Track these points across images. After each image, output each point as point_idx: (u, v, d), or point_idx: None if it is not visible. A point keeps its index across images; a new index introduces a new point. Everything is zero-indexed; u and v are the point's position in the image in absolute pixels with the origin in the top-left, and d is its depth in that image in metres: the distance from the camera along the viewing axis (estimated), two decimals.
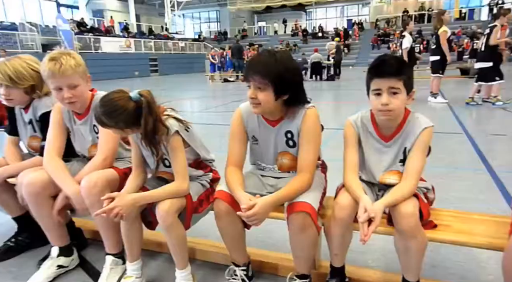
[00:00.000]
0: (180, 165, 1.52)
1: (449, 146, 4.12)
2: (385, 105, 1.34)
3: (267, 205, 1.35)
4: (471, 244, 1.34)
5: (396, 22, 29.00)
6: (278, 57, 1.39)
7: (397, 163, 1.44)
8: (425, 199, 1.40)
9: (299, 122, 1.48)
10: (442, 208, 1.61)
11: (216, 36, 32.79)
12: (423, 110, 6.56)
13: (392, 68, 1.32)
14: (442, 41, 6.80)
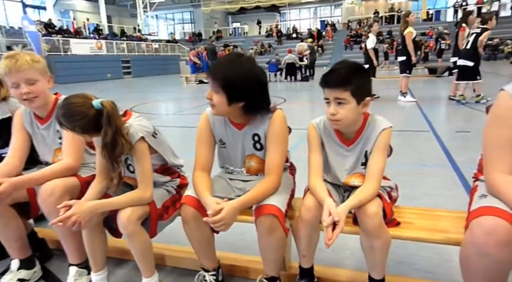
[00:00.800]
0: (144, 171, 1.49)
1: (417, 144, 4.25)
2: (332, 115, 1.35)
3: (234, 209, 1.34)
4: (432, 240, 1.37)
5: (367, 23, 29.69)
6: (237, 63, 1.38)
7: (359, 166, 1.46)
8: (388, 199, 1.43)
9: (266, 125, 1.48)
10: (409, 204, 1.65)
11: (190, 37, 32.49)
12: (392, 109, 6.80)
13: (339, 78, 1.31)
14: (407, 41, 7.02)
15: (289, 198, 1.50)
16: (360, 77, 1.34)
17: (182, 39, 32.94)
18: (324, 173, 1.51)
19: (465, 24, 6.80)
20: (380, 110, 6.82)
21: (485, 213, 1.08)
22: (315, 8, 36.83)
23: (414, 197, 2.64)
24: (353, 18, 31.07)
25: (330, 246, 1.20)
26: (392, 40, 22.68)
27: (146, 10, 29.09)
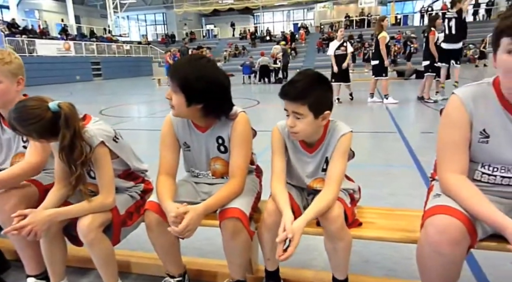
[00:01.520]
0: (105, 177, 1.45)
1: (385, 145, 4.38)
2: (290, 127, 1.35)
3: (198, 214, 1.32)
4: (392, 239, 1.41)
5: (338, 27, 30.35)
6: (197, 65, 1.37)
7: (320, 172, 1.47)
8: (349, 203, 1.45)
9: (229, 128, 1.48)
10: (376, 204, 1.69)
11: (163, 39, 32.04)
12: (362, 111, 6.97)
13: (296, 91, 1.29)
14: (381, 46, 7.23)
15: (254, 201, 1.50)
16: (319, 91, 1.32)
17: (155, 40, 32.44)
18: (288, 176, 1.52)
19: (434, 28, 7.11)
20: (351, 112, 7.01)
21: (438, 212, 1.12)
22: (288, 11, 37.26)
23: (381, 197, 2.71)
24: (325, 22, 31.66)
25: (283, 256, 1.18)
26: (362, 44, 23.28)
27: (116, 11, 28.43)
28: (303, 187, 1.54)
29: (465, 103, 1.19)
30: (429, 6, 29.91)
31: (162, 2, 33.07)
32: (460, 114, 1.19)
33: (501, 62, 1.08)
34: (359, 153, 3.61)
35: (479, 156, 1.22)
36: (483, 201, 1.11)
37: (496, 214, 1.06)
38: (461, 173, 1.20)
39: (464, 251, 1.12)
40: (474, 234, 1.11)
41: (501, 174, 1.21)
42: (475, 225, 1.12)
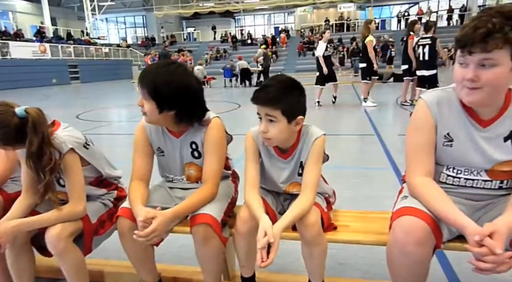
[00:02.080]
0: (75, 184, 1.42)
1: (362, 147, 4.45)
2: (263, 133, 1.34)
3: (166, 219, 1.31)
4: (365, 242, 1.44)
5: (319, 30, 30.75)
6: (166, 71, 1.36)
7: (296, 176, 1.47)
8: (325, 207, 1.46)
9: (202, 133, 1.47)
10: (353, 206, 1.71)
11: (143, 41, 31.65)
12: (341, 114, 7.07)
13: (268, 96, 1.29)
14: (369, 49, 7.33)
15: (227, 206, 1.50)
16: (292, 96, 1.32)
17: (135, 43, 32.01)
18: (263, 182, 1.52)
19: (412, 32, 7.27)
20: (331, 115, 7.11)
21: (404, 214, 1.15)
22: (269, 14, 37.52)
23: (358, 199, 2.75)
24: (306, 26, 32.03)
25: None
26: (343, 47, 23.65)
27: (94, 13, 27.89)
28: (279, 192, 1.54)
29: (430, 108, 1.22)
30: (405, 11, 30.78)
31: (142, 4, 32.73)
32: (426, 118, 1.23)
33: (454, 71, 1.13)
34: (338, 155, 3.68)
35: (444, 158, 1.25)
36: (447, 202, 1.14)
37: (457, 215, 1.09)
38: (427, 175, 1.23)
39: (430, 251, 1.15)
40: (439, 235, 1.14)
41: (464, 176, 1.24)
42: (440, 226, 1.15)
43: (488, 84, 1.06)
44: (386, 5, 33.88)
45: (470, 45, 1.01)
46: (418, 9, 30.59)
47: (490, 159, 1.19)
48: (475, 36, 1.00)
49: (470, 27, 1.02)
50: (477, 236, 0.99)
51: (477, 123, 1.19)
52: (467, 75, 1.05)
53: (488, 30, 0.99)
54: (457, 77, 1.11)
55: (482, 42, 1.00)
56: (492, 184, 1.23)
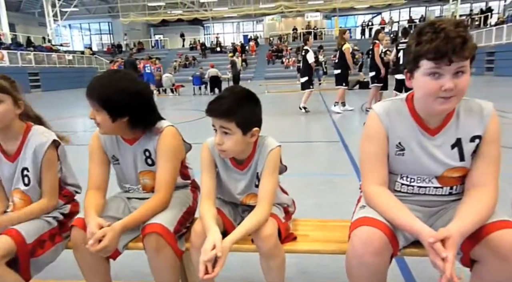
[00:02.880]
0: (52, 182, 1.47)
1: (328, 154, 4.52)
2: (218, 145, 1.32)
3: (116, 234, 1.26)
4: (325, 251, 1.44)
5: (287, 39, 31.31)
6: (113, 79, 1.36)
7: (253, 187, 1.45)
8: (283, 218, 1.45)
9: (155, 140, 1.46)
10: (318, 212, 1.70)
11: (109, 48, 30.88)
12: (310, 120, 7.17)
13: (222, 108, 1.27)
14: (347, 56, 7.59)
15: (182, 216, 1.46)
16: (247, 107, 1.31)
17: (100, 50, 31.18)
18: (220, 192, 1.49)
19: (378, 40, 7.54)
20: (297, 122, 7.19)
21: (362, 224, 1.16)
22: (238, 22, 37.78)
23: (323, 206, 2.78)
24: (274, 34, 32.51)
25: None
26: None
27: (56, 19, 26.94)
28: (237, 203, 1.52)
29: (382, 118, 1.25)
30: (369, 21, 31.96)
31: (107, 11, 32.02)
32: (377, 129, 1.25)
33: (421, 83, 1.12)
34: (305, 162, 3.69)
35: (397, 167, 1.28)
36: (402, 210, 1.16)
37: (413, 221, 1.11)
38: (381, 184, 1.25)
39: (387, 260, 1.17)
40: (395, 243, 1.16)
41: (418, 184, 1.28)
42: (396, 234, 1.17)
43: (461, 91, 1.09)
44: (351, 15, 35.08)
45: (451, 54, 1.03)
46: (380, 19, 31.93)
47: (440, 166, 1.23)
48: (454, 45, 1.02)
49: (442, 38, 1.03)
50: (431, 238, 1.01)
51: (426, 132, 1.23)
52: (446, 85, 1.06)
53: (463, 39, 1.03)
54: (431, 89, 1.09)
55: (461, 50, 1.03)
56: (443, 190, 1.27)
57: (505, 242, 1.04)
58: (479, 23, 24.91)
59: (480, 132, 1.19)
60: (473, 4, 29.64)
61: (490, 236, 1.06)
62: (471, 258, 1.14)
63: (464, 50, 1.03)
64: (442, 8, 31.06)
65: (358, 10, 33.40)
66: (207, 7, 30.82)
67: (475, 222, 1.08)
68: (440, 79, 1.07)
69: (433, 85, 1.08)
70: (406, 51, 1.16)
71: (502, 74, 16.81)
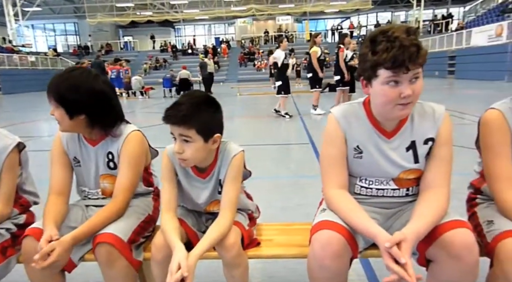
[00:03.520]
0: (9, 187, 1.41)
1: (297, 156, 4.56)
2: (178, 154, 1.27)
3: (64, 250, 1.20)
4: (288, 255, 1.43)
5: (259, 42, 31.49)
6: (71, 76, 1.34)
7: (216, 195, 1.42)
8: (247, 225, 1.43)
9: (120, 144, 1.42)
10: (285, 215, 1.68)
11: (75, 50, 29.84)
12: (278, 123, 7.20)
13: (180, 114, 1.21)
14: (313, 59, 7.64)
15: (140, 225, 1.41)
16: (207, 113, 1.26)
17: (66, 52, 30.09)
18: (182, 201, 1.46)
19: (342, 45, 7.69)
20: (267, 126, 7.21)
21: (322, 227, 1.16)
22: (209, 25, 37.59)
23: (290, 208, 2.78)
24: (246, 36, 32.60)
25: None
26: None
27: (18, 19, 25.72)
28: (201, 211, 1.48)
29: (340, 122, 1.26)
30: (338, 25, 32.71)
31: (73, 11, 30.92)
32: (336, 132, 1.26)
33: (380, 92, 1.13)
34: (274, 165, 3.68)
35: (356, 170, 1.30)
36: (360, 213, 1.17)
37: (369, 224, 1.13)
38: (341, 187, 1.26)
39: (347, 262, 1.18)
40: (354, 246, 1.17)
41: (376, 186, 1.30)
42: (356, 237, 1.18)
43: (417, 96, 1.12)
44: (321, 18, 35.75)
45: (408, 62, 1.04)
46: (349, 23, 32.76)
47: (396, 168, 1.25)
48: (410, 54, 1.04)
49: (397, 47, 1.04)
50: (387, 243, 1.02)
51: (383, 135, 1.25)
52: (404, 92, 1.08)
53: (417, 47, 1.05)
54: (390, 97, 1.10)
55: (417, 58, 1.05)
56: (399, 192, 1.30)
57: (457, 241, 1.07)
58: (441, 29, 26.07)
59: (433, 135, 1.22)
60: (436, 10, 31.03)
61: (443, 236, 1.09)
62: (427, 258, 1.17)
63: (419, 57, 1.06)
64: (407, 13, 32.30)
65: (328, 14, 34.12)
66: (177, 9, 30.46)
67: (430, 223, 1.11)
68: (398, 87, 1.09)
69: (392, 93, 1.10)
70: (361, 59, 1.16)
71: (462, 77, 17.68)
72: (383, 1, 31.07)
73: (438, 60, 20.21)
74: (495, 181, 1.25)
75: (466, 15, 27.10)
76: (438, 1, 30.42)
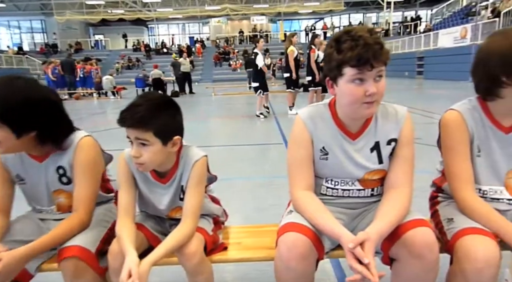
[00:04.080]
0: None
1: (272, 156, 4.57)
2: (135, 158, 1.22)
3: (16, 261, 1.13)
4: (256, 258, 1.42)
5: (234, 41, 31.42)
6: (13, 89, 1.17)
7: (178, 201, 1.38)
8: (211, 230, 1.40)
9: (70, 155, 1.32)
10: (258, 215, 1.65)
11: (42, 48, 28.70)
12: (252, 124, 7.20)
13: (136, 116, 1.16)
14: (290, 59, 7.59)
15: (106, 233, 1.36)
16: (164, 115, 1.22)
17: (32, 50, 28.88)
18: (143, 206, 1.42)
19: (314, 46, 7.75)
20: (241, 126, 7.20)
21: (288, 230, 1.16)
22: (184, 24, 37.15)
23: (264, 209, 2.78)
24: (221, 36, 32.44)
25: None
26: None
27: None
28: (163, 217, 1.45)
29: (306, 123, 1.26)
30: (312, 26, 33.13)
31: (39, 8, 29.70)
32: (302, 134, 1.27)
33: (346, 90, 1.14)
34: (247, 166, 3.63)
35: (322, 171, 1.30)
36: (325, 214, 1.18)
37: (334, 225, 1.13)
38: (308, 189, 1.27)
39: (313, 264, 1.18)
40: (320, 248, 1.18)
41: (341, 187, 1.31)
42: (322, 238, 1.19)
43: (381, 95, 1.13)
44: (295, 19, 36.09)
45: (373, 60, 1.06)
46: (323, 24, 33.26)
47: (360, 169, 1.27)
48: (374, 51, 1.06)
49: (362, 45, 1.06)
50: (351, 244, 1.03)
51: (348, 136, 1.26)
52: (370, 90, 1.09)
53: (381, 45, 1.07)
54: (356, 95, 1.11)
55: (380, 55, 1.07)
56: (365, 192, 1.31)
57: (418, 240, 1.09)
58: (410, 30, 26.93)
59: (396, 136, 1.25)
60: (405, 12, 32.03)
61: (405, 235, 1.11)
62: (390, 257, 1.19)
63: (382, 55, 1.08)
64: (378, 15, 33.17)
65: (302, 15, 34.51)
66: (150, 8, 29.89)
67: (392, 222, 1.13)
68: (364, 85, 1.11)
69: (358, 92, 1.11)
70: (327, 59, 1.17)
71: (430, 77, 18.31)
72: (355, 3, 31.75)
73: (407, 60, 20.85)
74: (454, 180, 1.29)
75: (433, 18, 28.12)
76: (407, 4, 31.41)
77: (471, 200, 1.24)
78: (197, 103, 11.95)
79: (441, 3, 25.91)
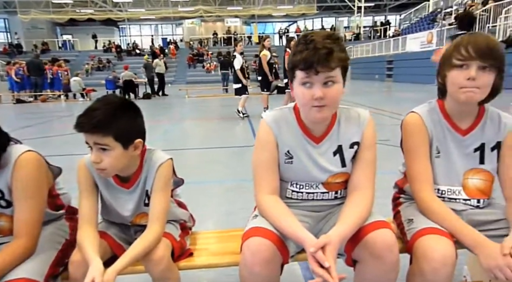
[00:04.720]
0: None
1: (245, 159, 4.56)
2: (96, 164, 1.18)
3: None
4: (222, 264, 1.40)
5: (208, 43, 31.24)
6: None
7: (143, 206, 1.35)
8: (178, 236, 1.38)
9: (8, 175, 1.17)
10: (228, 220, 1.62)
11: (5, 48, 27.40)
12: (226, 125, 7.18)
13: (94, 121, 1.12)
14: (263, 63, 7.68)
15: (57, 255, 1.27)
16: (124, 118, 1.18)
17: None
18: (105, 214, 1.37)
19: (289, 49, 7.83)
20: (217, 127, 7.16)
21: (252, 234, 1.15)
22: (156, 25, 36.59)
23: (233, 212, 2.76)
24: (195, 38, 32.17)
25: None
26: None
27: None
28: (128, 224, 1.40)
29: (271, 127, 1.27)
30: (286, 29, 33.49)
31: (2, 6, 28.37)
32: (268, 137, 1.27)
33: (298, 93, 1.17)
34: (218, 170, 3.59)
35: (287, 175, 1.31)
36: (289, 218, 1.18)
37: (297, 229, 1.13)
38: (272, 193, 1.27)
39: (278, 268, 1.18)
40: (285, 252, 1.17)
41: (306, 190, 1.32)
42: (287, 242, 1.18)
43: (332, 100, 1.14)
44: (269, 22, 36.38)
45: (317, 65, 1.07)
46: (296, 27, 33.70)
47: (324, 172, 1.28)
48: (319, 56, 1.07)
49: (310, 49, 1.07)
50: (312, 248, 1.03)
51: (311, 140, 1.27)
52: (316, 94, 1.10)
53: (328, 50, 1.07)
54: (305, 98, 1.14)
55: (326, 61, 1.07)
56: (329, 195, 1.33)
57: (379, 242, 1.11)
58: (380, 35, 27.74)
59: (358, 139, 1.27)
60: (375, 17, 33.00)
61: (366, 237, 1.13)
62: (353, 258, 1.21)
63: (329, 61, 1.09)
64: (349, 19, 33.98)
65: (276, 17, 34.82)
66: (121, 8, 29.23)
67: (355, 224, 1.15)
68: (312, 89, 1.13)
69: (306, 94, 1.14)
70: (288, 62, 1.19)
71: (399, 80, 18.93)
72: (327, 7, 32.40)
73: (377, 64, 21.47)
74: (414, 181, 1.33)
75: (401, 23, 29.09)
76: (378, 9, 32.38)
77: (429, 201, 1.28)
78: (170, 106, 11.79)
79: (409, 8, 26.85)
